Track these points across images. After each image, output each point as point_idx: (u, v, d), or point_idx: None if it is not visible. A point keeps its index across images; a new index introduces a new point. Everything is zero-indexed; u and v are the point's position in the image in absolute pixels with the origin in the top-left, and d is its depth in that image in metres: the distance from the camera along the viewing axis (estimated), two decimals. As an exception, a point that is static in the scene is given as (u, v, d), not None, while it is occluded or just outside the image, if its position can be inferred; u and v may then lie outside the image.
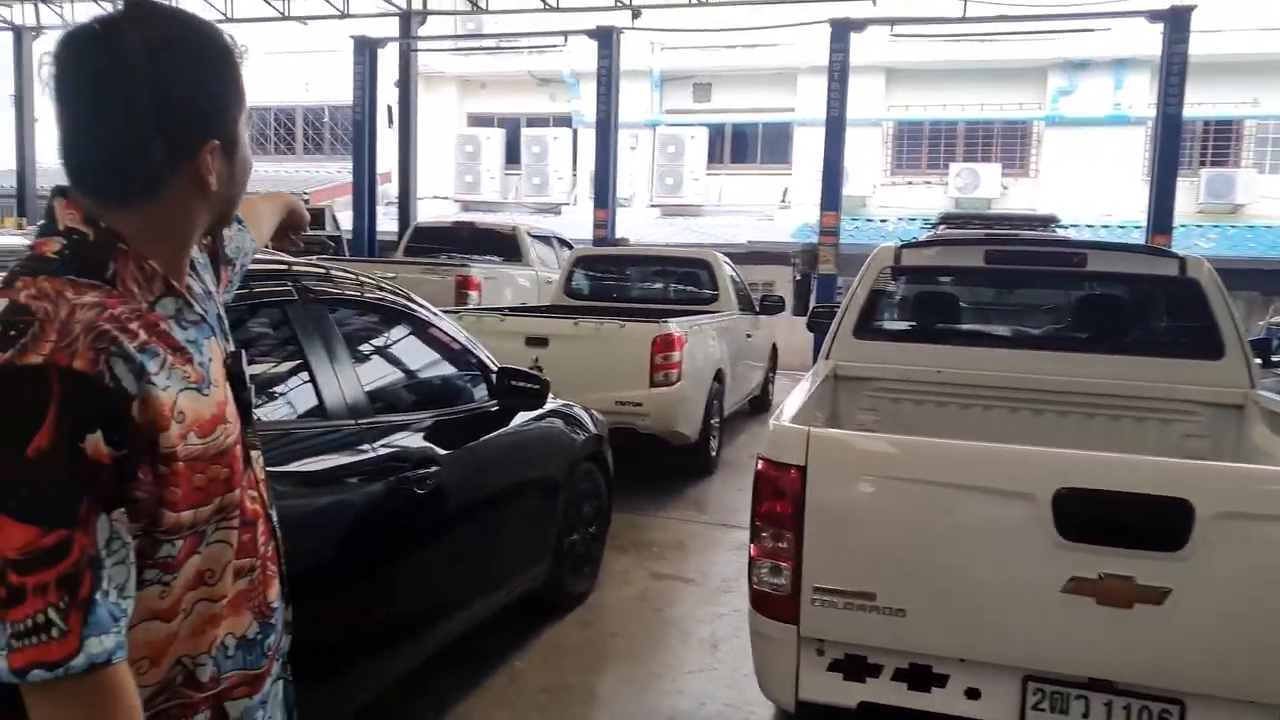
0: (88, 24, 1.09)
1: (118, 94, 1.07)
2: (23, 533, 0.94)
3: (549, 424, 4.07)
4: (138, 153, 1.09)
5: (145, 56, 1.07)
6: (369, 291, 3.28)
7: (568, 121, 20.90)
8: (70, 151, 1.11)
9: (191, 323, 1.17)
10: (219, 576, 1.17)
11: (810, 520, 2.42)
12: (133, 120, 1.07)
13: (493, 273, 10.09)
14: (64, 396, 0.96)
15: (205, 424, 1.12)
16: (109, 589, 0.98)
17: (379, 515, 2.79)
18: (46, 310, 1.00)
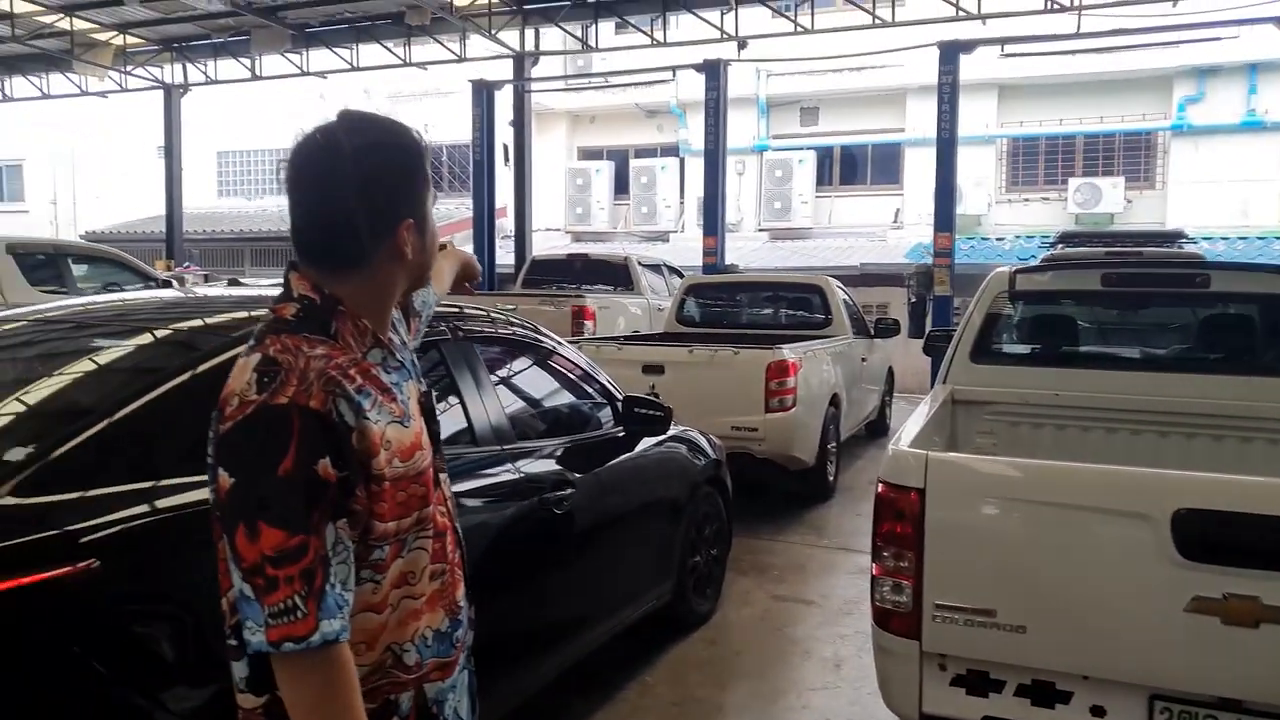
0: (311, 133, 1.38)
1: (334, 188, 1.34)
2: (276, 536, 1.21)
3: (671, 449, 4.27)
4: (350, 234, 1.36)
5: (354, 157, 1.35)
6: (506, 328, 3.56)
7: (675, 151, 21.25)
8: (299, 233, 1.40)
9: (394, 368, 1.44)
10: (418, 577, 1.42)
11: (930, 540, 2.53)
12: (345, 208, 1.35)
13: (606, 302, 10.41)
14: (302, 429, 1.24)
15: (406, 450, 1.38)
16: (335, 582, 1.25)
17: (523, 533, 3.03)
18: (289, 361, 1.29)
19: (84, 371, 2.40)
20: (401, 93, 22.04)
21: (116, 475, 2.00)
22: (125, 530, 1.92)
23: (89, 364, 2.43)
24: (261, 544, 1.21)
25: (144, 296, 3.35)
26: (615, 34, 16.90)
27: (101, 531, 1.88)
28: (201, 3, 13.83)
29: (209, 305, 2.96)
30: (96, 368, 2.41)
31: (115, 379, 2.32)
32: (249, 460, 1.23)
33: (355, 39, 15.83)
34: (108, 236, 21.70)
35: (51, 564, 1.78)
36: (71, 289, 8.71)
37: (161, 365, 2.32)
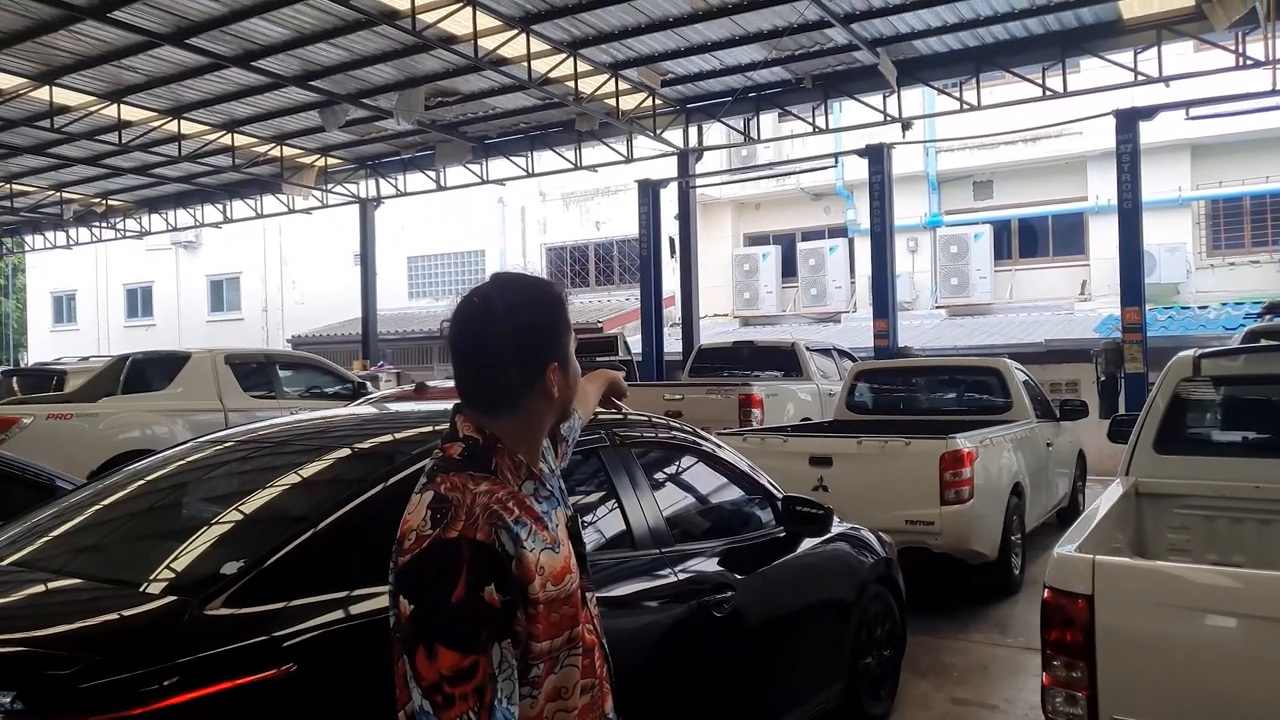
0: (469, 296, 1.59)
1: (490, 345, 1.54)
2: (452, 657, 1.36)
3: (835, 548, 4.22)
4: (505, 383, 1.55)
5: (506, 315, 1.53)
6: (663, 432, 3.69)
7: (843, 231, 21.19)
8: (462, 382, 1.58)
9: (545, 497, 1.58)
10: (570, 692, 1.54)
11: (1102, 649, 2.40)
12: (500, 361, 1.54)
13: (774, 389, 10.41)
14: (471, 560, 1.39)
15: (558, 575, 1.51)
16: (502, 698, 1.39)
17: (683, 635, 3.09)
18: (458, 499, 1.45)
19: (286, 488, 2.69)
20: (574, 193, 23.24)
21: (315, 585, 2.24)
22: (319, 636, 2.14)
23: (291, 481, 2.73)
24: (440, 664, 1.35)
25: (337, 415, 3.69)
26: (779, 121, 17.23)
27: (298, 638, 2.11)
28: (392, 124, 15.16)
29: (398, 422, 3.25)
30: (297, 485, 2.71)
31: (314, 496, 2.60)
32: (427, 589, 1.38)
33: (530, 147, 16.89)
34: (310, 339, 23.71)
35: (255, 669, 2.01)
36: (279, 394, 9.58)
37: (355, 480, 2.58)
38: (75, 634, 2.07)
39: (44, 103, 13.94)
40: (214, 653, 2.01)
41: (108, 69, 13.11)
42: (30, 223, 24.96)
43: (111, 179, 20.05)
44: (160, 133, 15.76)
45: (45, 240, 26.47)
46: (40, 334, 33.62)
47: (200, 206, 22.17)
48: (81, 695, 1.84)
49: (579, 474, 3.16)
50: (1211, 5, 10.32)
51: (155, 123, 15.29)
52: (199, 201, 21.90)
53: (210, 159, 17.46)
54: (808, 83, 13.79)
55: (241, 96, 14.45)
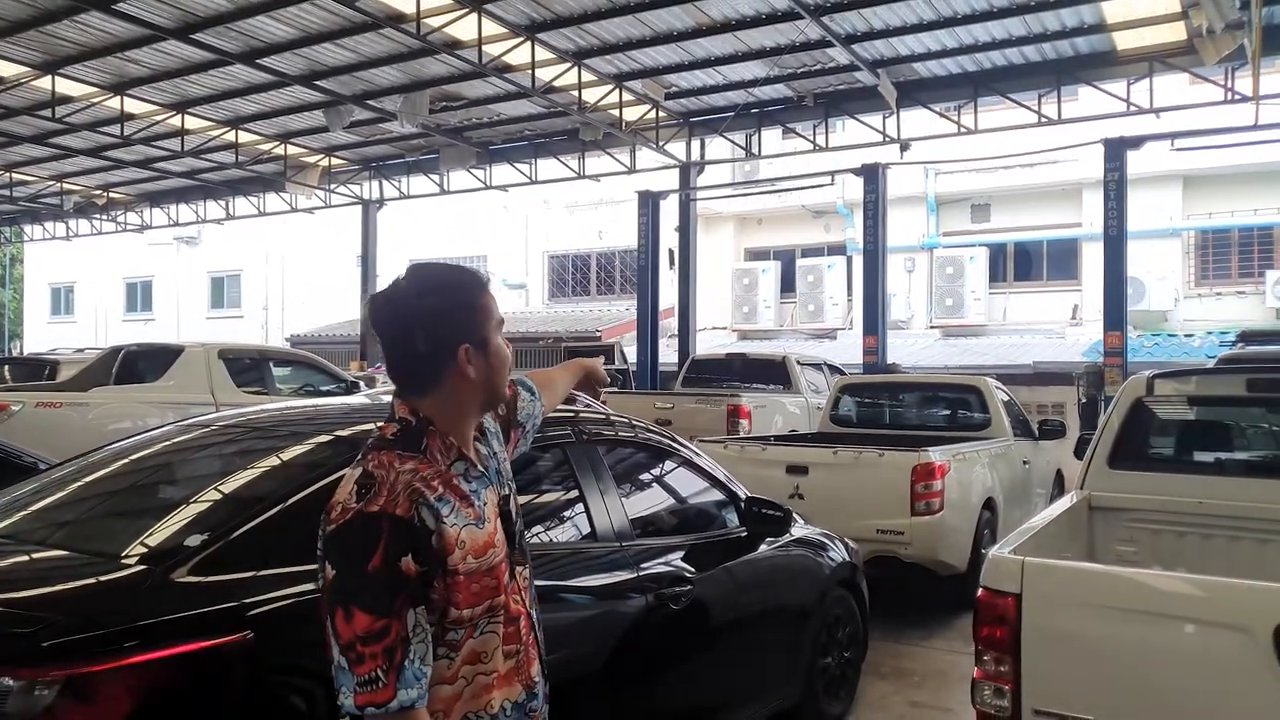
0: (385, 289, 1.71)
1: (400, 325, 1.67)
2: (365, 619, 1.49)
3: (797, 551, 4.34)
4: (416, 362, 1.69)
5: (416, 298, 1.68)
6: (630, 431, 3.81)
7: (842, 249, 21.37)
8: (389, 366, 1.73)
9: (475, 477, 1.72)
10: (490, 657, 1.67)
11: (1027, 645, 2.53)
12: (411, 342, 1.67)
13: (762, 401, 10.54)
14: (390, 532, 1.53)
15: (479, 548, 1.65)
16: (415, 658, 1.52)
17: (639, 627, 3.20)
18: (383, 476, 1.59)
19: (258, 470, 2.83)
20: (577, 203, 23.42)
21: (276, 559, 2.35)
22: (278, 607, 2.26)
23: (263, 463, 2.87)
24: (355, 625, 1.48)
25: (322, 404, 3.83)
26: (782, 138, 17.43)
27: (259, 608, 2.23)
28: (396, 126, 15.33)
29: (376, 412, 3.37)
30: (269, 466, 2.84)
31: (283, 477, 2.73)
32: (346, 557, 1.51)
33: (534, 155, 17.06)
34: (309, 339, 23.84)
35: (213, 634, 2.13)
36: (271, 390, 9.68)
37: (322, 463, 2.70)
38: (42, 598, 2.20)
39: (46, 92, 14.08)
40: (174, 617, 2.13)
41: (112, 61, 13.25)
42: (29, 213, 25.08)
43: (113, 171, 20.19)
44: (164, 127, 15.91)
45: (44, 231, 26.57)
46: (37, 325, 33.73)
47: (202, 202, 22.32)
48: (42, 652, 1.95)
49: (543, 466, 3.28)
50: (1202, 40, 10.52)
51: (159, 116, 15.45)
52: (201, 197, 22.06)
53: (213, 155, 17.61)
54: (809, 100, 13.98)
55: (246, 94, 14.61)
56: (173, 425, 3.38)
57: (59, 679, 1.92)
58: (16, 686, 1.90)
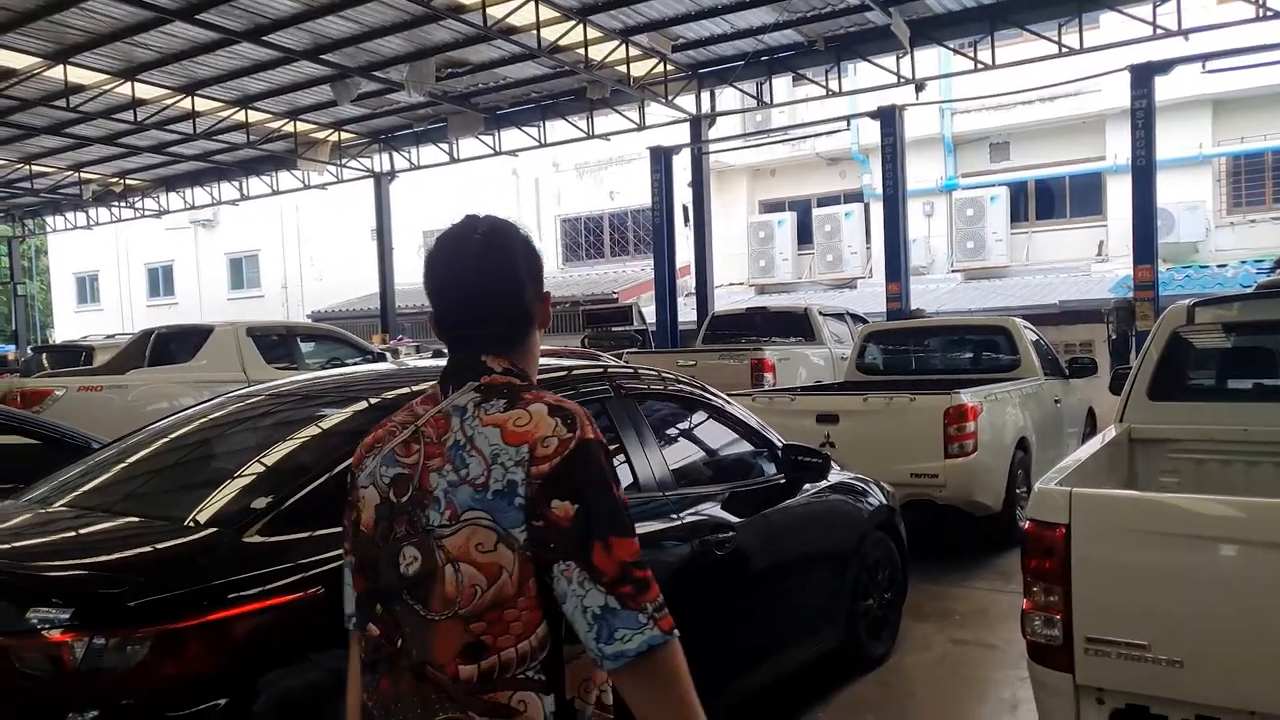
0: (471, 234, 1.50)
1: (508, 276, 1.50)
2: (631, 545, 1.36)
3: (835, 496, 4.36)
4: (519, 311, 1.52)
5: (524, 245, 1.52)
6: (669, 385, 3.83)
7: (859, 197, 21.14)
8: (480, 317, 1.51)
9: None
10: None
11: (1077, 574, 2.53)
12: (520, 290, 1.51)
13: (786, 353, 10.51)
14: (608, 457, 1.42)
15: None
16: None
17: (685, 573, 3.24)
18: (572, 406, 1.43)
19: (310, 435, 2.89)
20: (587, 163, 23.28)
21: (339, 517, 2.38)
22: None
23: (314, 429, 2.93)
24: (620, 554, 1.33)
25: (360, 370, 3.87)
26: (792, 86, 17.19)
27: (327, 565, 2.28)
28: (404, 96, 15.26)
29: (414, 375, 3.42)
30: (320, 431, 2.90)
31: (334, 440, 2.77)
32: (591, 486, 1.35)
33: (542, 117, 16.94)
34: (330, 314, 23.96)
35: (285, 592, 2.22)
36: (300, 364, 9.78)
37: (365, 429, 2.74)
38: (125, 560, 2.29)
39: (59, 82, 14.11)
40: (249, 575, 2.21)
41: (120, 46, 13.24)
42: (50, 204, 25.27)
43: (129, 158, 20.27)
44: (175, 110, 15.92)
45: (66, 221, 26.78)
46: (65, 314, 34.11)
47: (217, 184, 22.38)
48: (129, 612, 2.06)
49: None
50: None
51: (169, 100, 15.45)
52: (215, 179, 22.11)
53: (225, 136, 17.61)
54: (820, 45, 13.76)
55: (254, 72, 14.58)
56: (224, 396, 3.44)
57: (149, 636, 2.02)
58: (110, 644, 1.99)
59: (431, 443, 1.42)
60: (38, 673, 2.04)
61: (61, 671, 2.01)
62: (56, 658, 2.02)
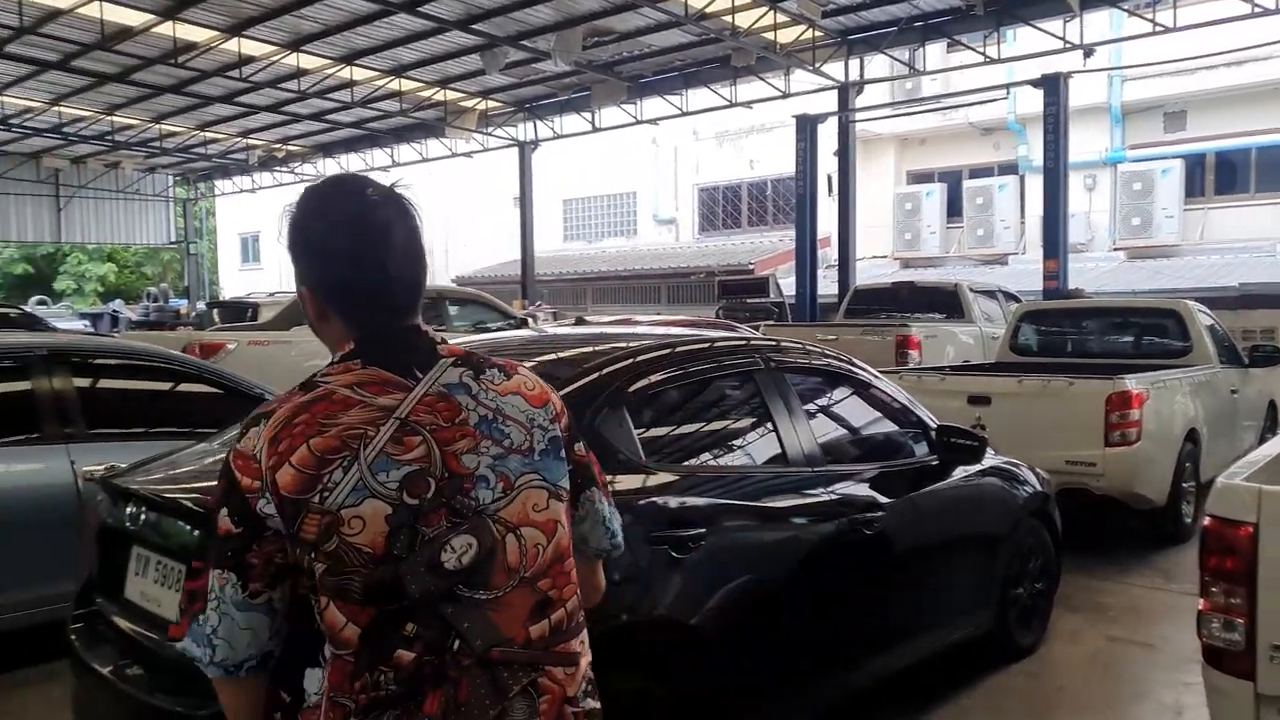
0: (383, 197, 1.37)
1: (421, 244, 1.40)
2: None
3: (989, 480, 4.19)
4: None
5: (417, 214, 1.40)
6: (817, 358, 3.75)
7: (1013, 169, 20.15)
8: (409, 286, 1.38)
9: None
10: None
11: (1264, 576, 2.34)
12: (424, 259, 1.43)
13: (933, 331, 10.17)
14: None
15: None
16: None
17: (832, 550, 3.19)
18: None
19: None
20: (727, 132, 23.05)
21: None
22: None
23: None
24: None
25: (510, 335, 3.96)
26: (946, 53, 16.48)
27: None
28: (550, 65, 15.44)
29: (562, 342, 3.48)
30: None
31: None
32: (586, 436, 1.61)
33: (684, 85, 16.86)
34: (472, 280, 24.69)
35: None
36: (450, 328, 10.12)
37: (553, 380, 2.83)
38: None
39: (233, 54, 14.97)
40: None
41: (288, 19, 13.92)
42: (220, 168, 26.97)
43: (291, 125, 21.38)
44: (334, 80, 16.64)
45: (233, 185, 28.55)
46: (229, 272, 36.38)
47: (369, 151, 23.33)
48: None
49: (733, 393, 3.30)
50: None
51: (330, 70, 16.15)
52: (369, 146, 23.06)
53: (379, 104, 18.31)
54: (979, 9, 13.13)
55: (408, 42, 15.06)
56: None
57: None
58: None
59: (442, 427, 1.30)
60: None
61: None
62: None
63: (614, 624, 2.52)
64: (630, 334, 3.64)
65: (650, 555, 2.66)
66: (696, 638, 2.71)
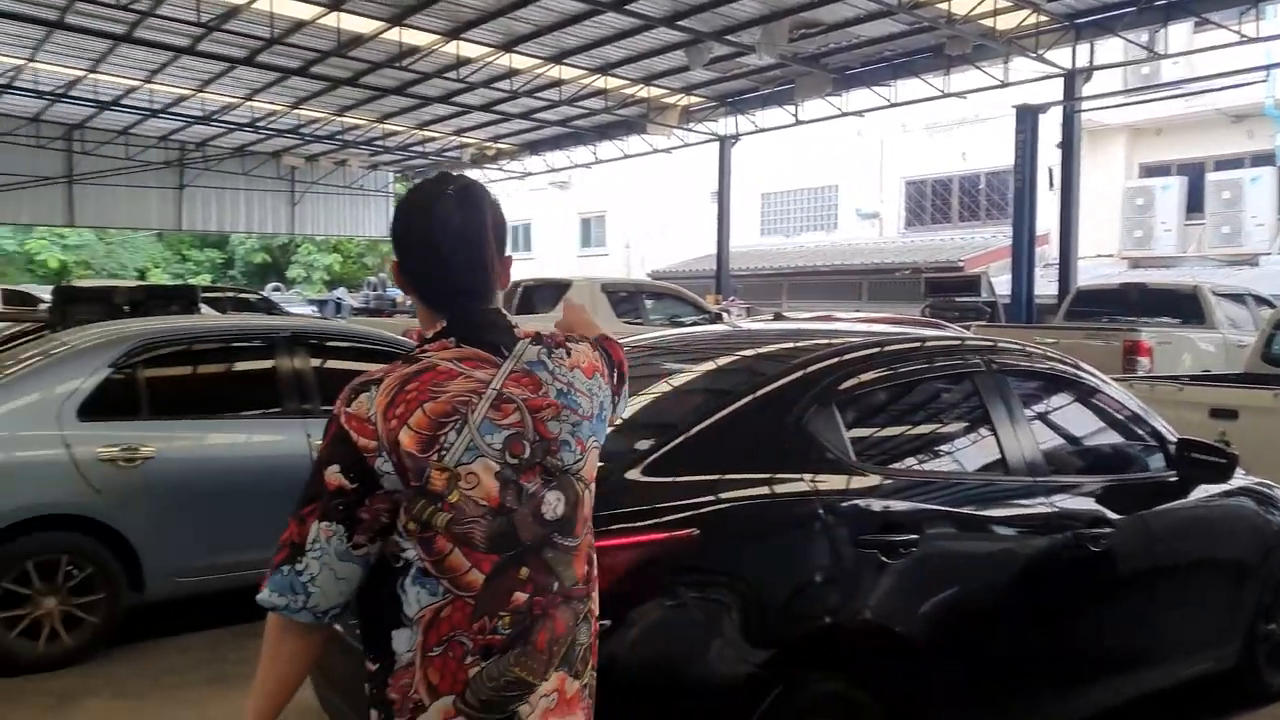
0: (459, 188, 1.54)
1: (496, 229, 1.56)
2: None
3: (1238, 501, 3.76)
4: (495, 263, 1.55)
5: (496, 205, 1.57)
6: (1041, 361, 3.48)
7: (1269, 159, 18.09)
8: (480, 274, 1.54)
9: None
10: None
11: None
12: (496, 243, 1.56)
13: (1166, 337, 9.32)
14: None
15: None
16: None
17: (1051, 565, 2.96)
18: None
19: (678, 387, 3.01)
20: (937, 123, 22.05)
21: (715, 465, 2.53)
22: (720, 511, 2.45)
23: (683, 382, 3.06)
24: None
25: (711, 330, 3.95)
26: (1193, 32, 15.02)
27: (702, 509, 2.42)
28: (753, 59, 15.30)
29: (766, 338, 3.43)
30: (688, 386, 3.03)
31: (715, 389, 2.89)
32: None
33: (893, 76, 16.27)
34: (666, 274, 24.92)
35: (667, 528, 2.34)
36: (646, 321, 10.26)
37: (735, 386, 2.84)
38: None
39: (451, 56, 15.78)
40: (630, 510, 2.34)
41: (503, 21, 14.53)
42: (435, 165, 28.57)
43: (501, 124, 22.34)
44: (543, 79, 17.22)
45: (446, 182, 30.12)
46: (442, 266, 38.51)
47: (573, 148, 24.02)
48: None
49: (952, 395, 3.12)
50: None
51: (540, 69, 16.73)
52: (573, 143, 23.75)
53: (585, 102, 18.79)
54: (1236, -18, 11.88)
55: (614, 40, 15.35)
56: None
57: None
58: None
59: (531, 398, 1.48)
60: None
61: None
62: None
63: (817, 625, 2.49)
64: (839, 331, 3.51)
65: (856, 558, 2.57)
66: (903, 646, 2.60)
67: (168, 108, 21.17)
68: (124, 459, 4.20)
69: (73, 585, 4.17)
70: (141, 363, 4.50)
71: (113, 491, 4.17)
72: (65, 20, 15.04)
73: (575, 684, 1.51)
